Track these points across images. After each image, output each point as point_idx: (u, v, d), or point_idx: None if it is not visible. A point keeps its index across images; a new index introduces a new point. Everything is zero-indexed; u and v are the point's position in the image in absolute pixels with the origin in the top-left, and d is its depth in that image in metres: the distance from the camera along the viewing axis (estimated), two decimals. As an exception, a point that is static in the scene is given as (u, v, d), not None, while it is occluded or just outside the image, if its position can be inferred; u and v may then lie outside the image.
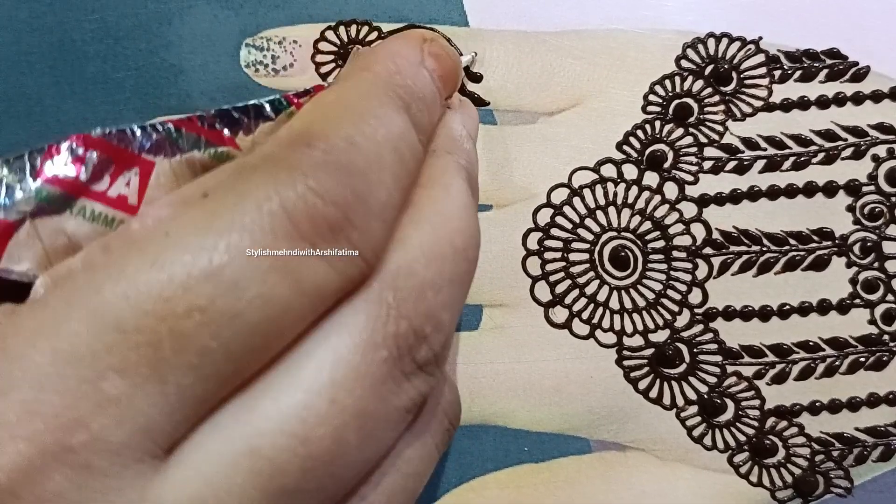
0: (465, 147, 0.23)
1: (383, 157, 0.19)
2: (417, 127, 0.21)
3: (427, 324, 0.19)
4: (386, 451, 0.20)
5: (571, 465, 0.28)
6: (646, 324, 0.28)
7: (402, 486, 0.21)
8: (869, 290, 0.28)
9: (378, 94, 0.21)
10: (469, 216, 0.21)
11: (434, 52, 0.23)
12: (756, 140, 0.28)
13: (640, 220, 0.28)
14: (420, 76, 0.22)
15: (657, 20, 0.29)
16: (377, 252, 0.19)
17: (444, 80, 0.23)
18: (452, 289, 0.20)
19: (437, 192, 0.21)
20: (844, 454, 0.28)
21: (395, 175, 0.20)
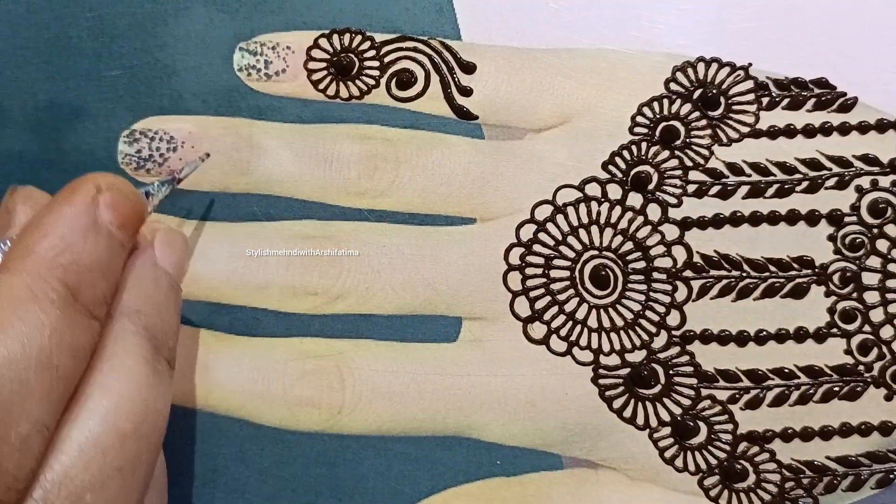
0: (154, 297, 0.23)
1: (29, 382, 0.19)
2: (91, 303, 0.21)
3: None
4: None
5: (542, 480, 0.28)
6: (623, 343, 0.28)
7: None
8: (846, 320, 0.28)
9: (36, 292, 0.20)
10: (140, 391, 0.21)
11: (110, 202, 0.22)
12: (741, 166, 0.28)
13: (622, 240, 0.28)
14: (90, 243, 0.21)
15: (647, 42, 0.29)
16: (18, 485, 0.18)
17: (126, 226, 0.23)
18: (123, 478, 0.20)
19: (105, 373, 0.21)
20: (814, 482, 0.28)
21: (44, 395, 0.19)
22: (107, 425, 0.20)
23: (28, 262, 0.20)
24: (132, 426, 0.20)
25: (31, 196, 0.25)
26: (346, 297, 0.28)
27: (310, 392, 0.28)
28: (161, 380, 0.22)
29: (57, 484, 0.19)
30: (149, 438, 0.21)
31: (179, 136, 0.29)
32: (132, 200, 0.23)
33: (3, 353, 0.19)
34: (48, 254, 0.21)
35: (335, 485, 0.28)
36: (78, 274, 0.21)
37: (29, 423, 0.19)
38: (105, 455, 0.20)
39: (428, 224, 0.29)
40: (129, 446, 0.20)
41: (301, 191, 0.29)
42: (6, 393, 0.18)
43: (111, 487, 0.20)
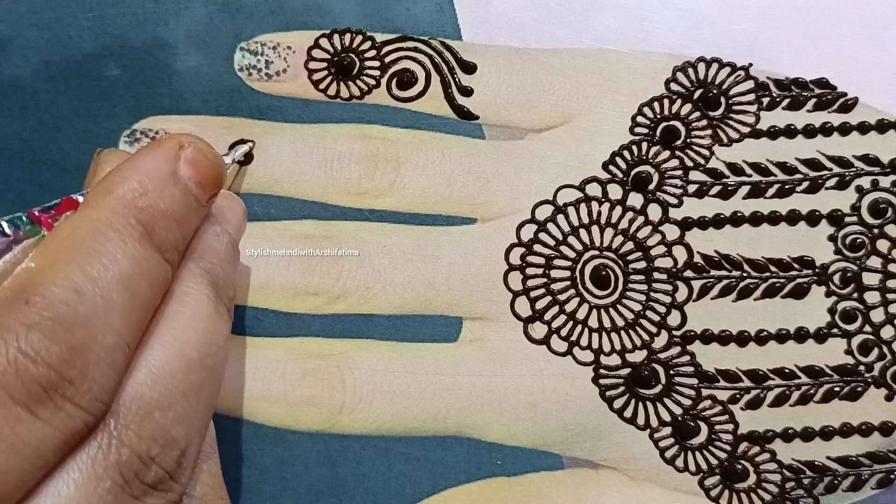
0: (216, 249, 0.24)
1: (112, 299, 0.20)
2: (164, 246, 0.22)
3: (154, 445, 0.20)
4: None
5: (543, 480, 0.28)
6: (623, 344, 0.28)
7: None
8: (847, 321, 0.28)
9: (115, 225, 0.21)
10: (204, 324, 0.22)
11: (191, 159, 0.23)
12: (741, 166, 0.29)
13: (623, 240, 0.28)
14: (167, 192, 0.22)
15: (648, 42, 0.29)
16: (105, 396, 0.19)
17: (204, 185, 0.23)
18: (187, 401, 0.21)
19: (173, 306, 0.22)
20: (815, 482, 0.28)
21: (126, 314, 0.20)
22: (174, 351, 0.21)
23: (107, 199, 0.21)
24: (197, 355, 0.22)
25: (119, 155, 0.25)
26: (347, 297, 0.28)
27: (310, 392, 0.28)
28: (222, 320, 0.23)
29: (129, 399, 0.20)
30: (212, 370, 0.22)
31: None
32: (212, 161, 0.24)
33: (90, 272, 0.20)
34: (126, 195, 0.22)
35: (336, 485, 0.28)
36: (153, 217, 0.22)
37: (114, 337, 0.20)
38: (172, 378, 0.21)
39: (428, 224, 0.29)
40: (194, 374, 0.21)
41: (301, 191, 0.29)
42: (93, 307, 0.19)
43: (176, 409, 0.21)
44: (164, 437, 0.20)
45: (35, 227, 0.22)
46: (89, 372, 0.19)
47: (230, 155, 0.28)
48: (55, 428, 0.19)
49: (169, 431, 0.20)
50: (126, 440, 0.20)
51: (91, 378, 0.19)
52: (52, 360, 0.19)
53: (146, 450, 0.20)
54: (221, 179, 0.24)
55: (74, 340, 0.19)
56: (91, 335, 0.19)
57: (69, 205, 0.23)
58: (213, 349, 0.22)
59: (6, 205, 0.29)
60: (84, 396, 0.19)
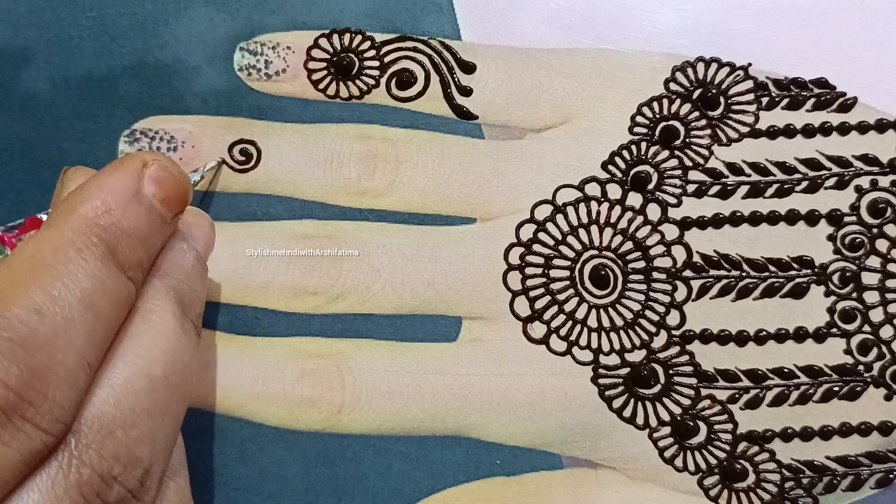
0: (183, 265, 0.24)
1: (73, 319, 0.20)
2: (128, 265, 0.22)
3: (116, 464, 0.20)
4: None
5: (542, 480, 0.28)
6: (623, 343, 0.28)
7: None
8: (846, 320, 0.28)
9: (77, 244, 0.21)
10: (169, 342, 0.22)
11: (155, 176, 0.23)
12: (740, 165, 0.29)
13: (622, 240, 0.28)
14: (131, 210, 0.22)
15: (647, 42, 0.29)
16: (66, 417, 0.19)
17: (168, 202, 0.23)
18: (152, 420, 0.21)
19: (137, 324, 0.22)
20: (814, 482, 0.28)
21: (88, 333, 0.20)
22: (138, 369, 0.21)
23: (70, 218, 0.21)
24: (162, 373, 0.21)
25: (84, 173, 0.25)
26: (347, 297, 0.29)
27: (310, 391, 0.28)
28: (189, 337, 0.23)
29: (90, 418, 0.20)
30: (177, 388, 0.22)
31: (180, 136, 0.29)
32: (177, 178, 0.24)
33: (50, 291, 0.20)
34: (89, 214, 0.22)
35: (335, 484, 0.28)
36: (116, 236, 0.22)
37: (75, 357, 0.20)
38: (136, 396, 0.21)
39: (428, 224, 0.29)
40: (158, 392, 0.21)
41: (301, 191, 0.29)
42: (54, 327, 0.19)
43: (140, 428, 0.21)
44: (126, 456, 0.20)
45: (8, 253, 0.22)
46: (49, 393, 0.19)
47: (198, 171, 0.28)
48: (14, 449, 0.18)
49: (132, 450, 0.20)
50: (87, 459, 0.19)
51: (51, 399, 0.19)
52: (11, 382, 0.18)
53: (108, 469, 0.20)
54: (187, 197, 0.24)
55: (34, 361, 0.19)
56: (52, 355, 0.19)
57: (33, 224, 0.23)
58: (178, 367, 0.22)
59: (6, 205, 0.29)
60: (44, 417, 0.19)
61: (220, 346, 0.28)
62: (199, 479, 0.28)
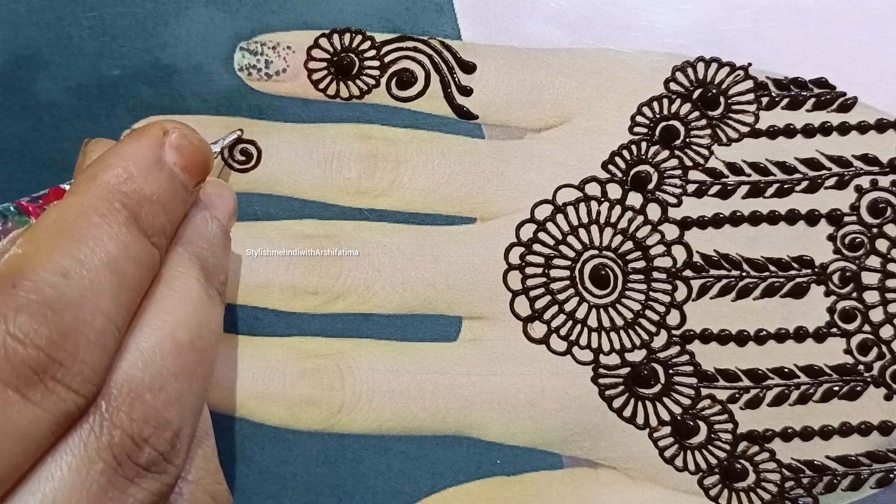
0: (205, 234, 0.24)
1: (100, 282, 0.20)
2: (151, 230, 0.22)
3: (146, 426, 0.20)
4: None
5: (542, 479, 0.28)
6: (623, 343, 0.28)
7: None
8: (846, 320, 0.28)
9: (100, 210, 0.21)
10: (194, 307, 0.22)
11: (176, 144, 0.23)
12: (741, 165, 0.29)
13: (622, 239, 0.28)
14: (153, 177, 0.22)
15: (647, 42, 0.29)
16: (96, 378, 0.19)
17: (189, 170, 0.23)
18: (179, 383, 0.21)
19: (162, 290, 0.22)
20: (814, 482, 0.28)
21: (114, 296, 0.20)
22: (164, 333, 0.21)
23: (92, 185, 0.21)
24: (188, 337, 0.21)
25: (105, 144, 0.25)
26: (347, 297, 0.29)
27: (310, 391, 0.28)
28: (213, 303, 0.23)
29: (119, 381, 0.20)
30: (203, 353, 0.22)
31: None
32: (198, 146, 0.24)
33: (76, 255, 0.20)
34: (111, 180, 0.22)
35: (335, 484, 0.28)
36: (138, 202, 0.22)
37: (103, 319, 0.20)
38: (163, 360, 0.21)
39: (428, 224, 0.29)
40: (185, 356, 0.21)
41: (301, 190, 0.29)
42: (81, 289, 0.19)
43: (168, 391, 0.21)
44: (156, 419, 0.20)
45: (23, 217, 0.22)
46: (79, 354, 0.19)
47: (218, 143, 0.28)
48: (47, 411, 0.19)
49: (161, 413, 0.20)
50: (118, 422, 0.20)
51: (81, 360, 0.19)
52: (41, 343, 0.19)
53: (138, 431, 0.20)
54: (208, 165, 0.24)
55: (63, 323, 0.19)
56: (80, 317, 0.19)
57: (57, 194, 0.23)
58: (203, 331, 0.22)
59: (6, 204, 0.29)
60: (75, 378, 0.19)
61: (221, 346, 0.28)
62: (199, 479, 0.28)
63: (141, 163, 0.22)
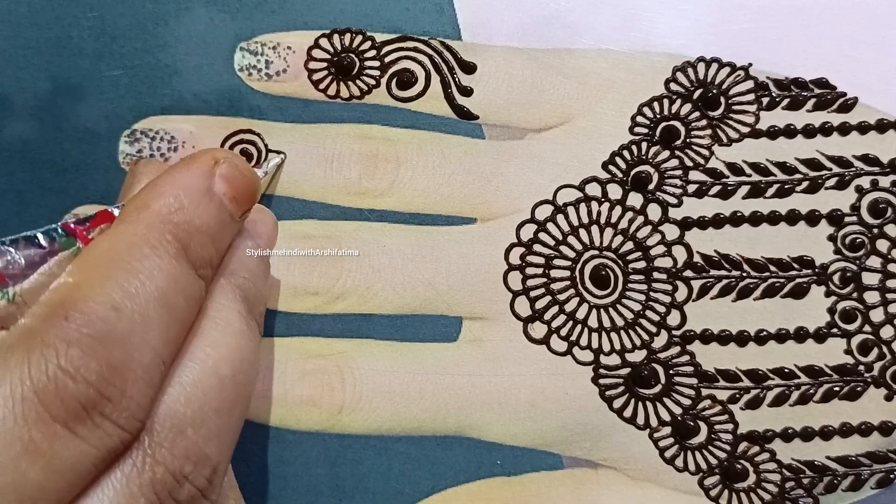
0: (248, 264, 0.24)
1: (150, 316, 0.20)
2: (199, 262, 0.22)
3: (187, 463, 0.20)
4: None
5: (543, 480, 0.28)
6: (623, 343, 0.28)
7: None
8: (847, 320, 0.28)
9: (151, 241, 0.21)
10: (236, 341, 0.22)
11: (226, 174, 0.23)
12: (741, 166, 0.29)
13: (623, 240, 0.28)
14: (203, 208, 0.22)
15: (648, 42, 0.29)
16: (141, 414, 0.19)
17: (238, 200, 0.24)
18: (219, 419, 0.21)
19: (205, 322, 0.22)
20: (815, 482, 0.28)
21: (163, 331, 0.20)
22: (207, 368, 0.21)
23: (143, 214, 0.21)
24: (230, 372, 0.22)
25: (156, 167, 0.25)
26: (347, 297, 0.29)
27: (310, 391, 0.28)
28: (253, 336, 0.23)
29: (163, 416, 0.20)
30: (243, 387, 0.22)
31: (180, 136, 0.29)
32: (247, 177, 0.24)
33: (127, 288, 0.20)
34: (162, 210, 0.22)
35: (336, 484, 0.28)
36: (188, 233, 0.22)
37: (151, 354, 0.20)
38: (205, 395, 0.21)
39: (428, 224, 0.29)
40: (226, 391, 0.21)
41: (301, 190, 0.29)
42: (131, 324, 0.19)
43: (208, 426, 0.21)
44: (196, 455, 0.20)
45: (70, 239, 0.22)
46: (127, 389, 0.19)
47: (262, 168, 0.28)
48: (93, 445, 0.19)
49: (202, 449, 0.20)
50: (160, 458, 0.20)
51: (129, 396, 0.19)
52: (91, 378, 0.19)
53: (179, 468, 0.20)
54: (255, 195, 0.25)
55: (113, 358, 0.19)
56: (129, 352, 0.19)
57: (104, 217, 0.23)
58: (244, 365, 0.22)
59: (6, 205, 0.29)
60: (122, 414, 0.19)
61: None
62: (199, 480, 0.28)
63: (192, 193, 0.22)
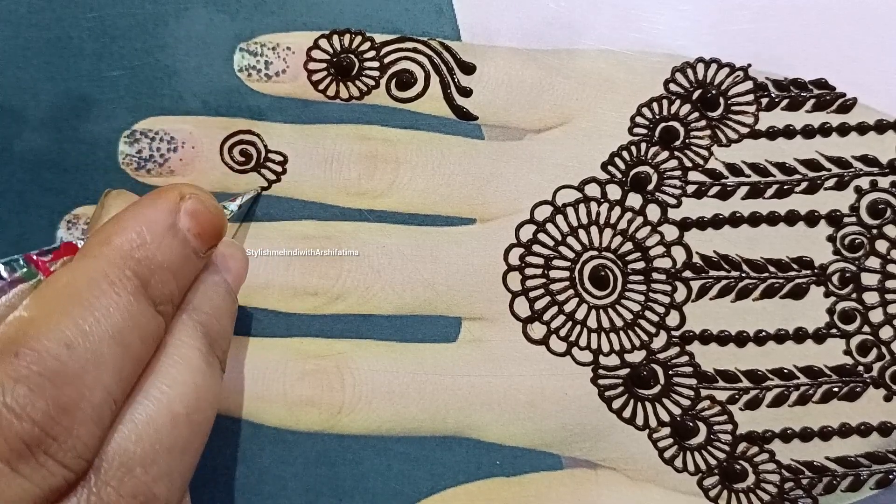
0: (213, 300, 0.24)
1: (103, 354, 0.20)
2: (159, 299, 0.22)
3: (134, 502, 0.20)
4: None
5: (542, 480, 0.28)
6: (622, 344, 0.28)
7: None
8: (846, 321, 0.28)
9: (111, 277, 0.21)
10: (194, 378, 0.22)
11: (192, 210, 0.23)
12: (740, 166, 0.29)
13: (622, 240, 0.28)
14: (166, 244, 0.22)
15: (647, 43, 0.29)
16: (88, 454, 0.19)
17: (203, 237, 0.23)
18: (171, 458, 0.21)
19: (163, 360, 0.22)
20: (814, 483, 0.28)
21: (116, 370, 0.20)
22: (161, 406, 0.21)
23: (105, 249, 0.21)
24: (185, 411, 0.21)
25: (125, 198, 0.25)
26: (346, 298, 0.29)
27: (310, 392, 0.28)
28: (213, 374, 0.23)
29: (112, 454, 0.20)
30: (199, 426, 0.22)
31: (180, 137, 0.29)
32: (213, 213, 0.24)
33: (82, 325, 0.20)
34: (125, 245, 0.21)
35: (335, 484, 0.28)
36: (150, 270, 0.22)
37: (102, 394, 0.20)
38: (157, 433, 0.21)
39: (428, 224, 0.29)
40: (180, 429, 0.21)
41: (301, 191, 0.29)
42: (83, 362, 0.19)
43: (159, 465, 0.20)
44: (144, 495, 0.20)
45: (31, 269, 0.22)
46: (75, 429, 0.19)
47: (237, 201, 0.28)
48: (35, 484, 0.18)
49: (150, 488, 0.20)
50: (106, 497, 0.19)
51: (76, 435, 0.19)
52: (37, 416, 0.18)
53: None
54: (222, 231, 0.24)
55: (62, 396, 0.19)
56: (79, 391, 0.19)
57: (68, 250, 0.23)
58: (201, 404, 0.22)
59: (6, 205, 0.29)
60: (68, 454, 0.19)
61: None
62: (199, 479, 0.28)
63: (156, 228, 0.22)
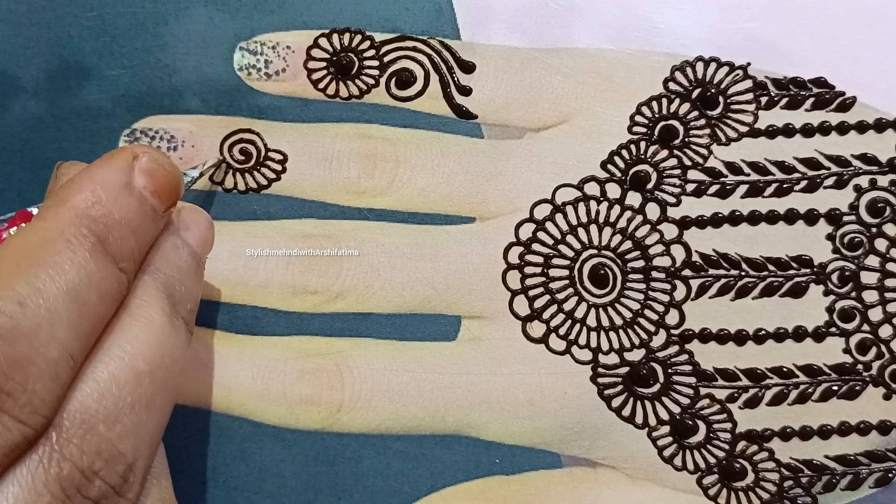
0: (175, 261, 0.24)
1: (58, 311, 0.20)
2: (119, 256, 0.22)
3: (98, 459, 0.20)
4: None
5: (541, 479, 0.28)
6: (622, 342, 0.28)
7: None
8: (845, 319, 0.28)
9: (66, 235, 0.21)
10: (157, 337, 0.22)
11: (146, 168, 0.23)
12: (740, 165, 0.29)
13: (621, 239, 0.28)
14: (122, 201, 0.22)
15: (647, 42, 0.29)
16: (46, 409, 0.19)
17: (160, 194, 0.23)
18: (136, 415, 0.21)
19: (124, 318, 0.22)
20: (813, 481, 0.28)
21: (72, 326, 0.20)
22: (123, 363, 0.21)
23: (60, 210, 0.21)
24: (147, 368, 0.21)
25: (77, 168, 0.25)
26: (346, 296, 0.29)
27: (309, 390, 0.28)
28: (178, 333, 0.23)
29: (73, 412, 0.20)
30: (164, 383, 0.22)
31: (180, 136, 0.29)
32: (168, 171, 0.24)
33: (35, 283, 0.20)
34: (80, 205, 0.21)
35: (335, 483, 0.28)
36: (107, 227, 0.22)
37: (58, 350, 0.19)
38: (120, 390, 0.21)
39: (427, 223, 0.29)
40: (144, 386, 0.21)
41: (301, 189, 0.29)
42: (37, 318, 0.19)
43: (124, 422, 0.20)
44: (108, 451, 0.20)
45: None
46: (29, 385, 0.19)
47: (197, 168, 0.28)
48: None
49: (114, 445, 0.20)
50: (68, 454, 0.19)
51: (31, 391, 0.19)
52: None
53: (89, 464, 0.20)
54: (178, 189, 0.24)
55: (15, 353, 0.19)
56: (33, 347, 0.19)
57: (24, 217, 0.23)
58: (165, 362, 0.22)
59: (7, 204, 0.29)
60: (23, 409, 0.19)
61: (220, 345, 0.29)
62: (198, 478, 0.28)
63: (110, 187, 0.22)
